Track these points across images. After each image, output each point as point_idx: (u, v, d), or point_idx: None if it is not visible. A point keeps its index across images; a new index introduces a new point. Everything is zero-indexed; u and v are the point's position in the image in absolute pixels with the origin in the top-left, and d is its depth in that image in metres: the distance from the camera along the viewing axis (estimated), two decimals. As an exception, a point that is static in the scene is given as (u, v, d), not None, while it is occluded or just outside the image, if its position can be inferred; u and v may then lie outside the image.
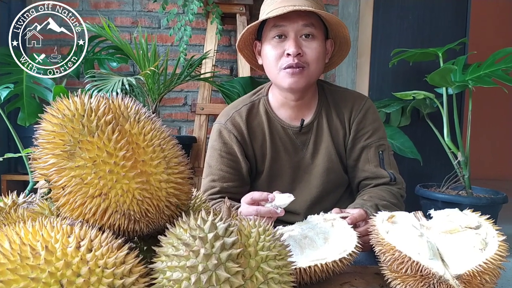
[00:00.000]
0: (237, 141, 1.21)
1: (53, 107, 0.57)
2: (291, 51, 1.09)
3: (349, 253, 0.74)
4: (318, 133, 1.24)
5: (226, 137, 1.22)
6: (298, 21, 1.10)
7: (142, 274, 0.50)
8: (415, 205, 2.40)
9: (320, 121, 1.24)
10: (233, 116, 1.23)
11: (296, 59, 1.09)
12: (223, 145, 1.22)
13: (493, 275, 0.64)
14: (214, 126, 1.27)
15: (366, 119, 1.23)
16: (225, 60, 2.95)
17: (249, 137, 1.22)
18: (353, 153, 1.23)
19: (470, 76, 2.28)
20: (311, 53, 1.11)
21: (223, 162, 1.21)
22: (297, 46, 1.09)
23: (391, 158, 1.24)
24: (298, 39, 1.11)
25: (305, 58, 1.11)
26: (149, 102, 2.34)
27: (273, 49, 1.13)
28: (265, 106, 1.25)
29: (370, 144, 1.21)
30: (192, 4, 2.39)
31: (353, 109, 1.23)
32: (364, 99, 1.26)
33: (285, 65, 1.11)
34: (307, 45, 1.11)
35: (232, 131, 1.21)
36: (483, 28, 4.30)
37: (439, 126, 2.47)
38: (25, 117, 2.20)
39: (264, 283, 0.51)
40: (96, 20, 2.64)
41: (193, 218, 0.53)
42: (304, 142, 1.23)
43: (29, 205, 0.69)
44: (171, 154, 0.58)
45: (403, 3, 2.81)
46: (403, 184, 1.22)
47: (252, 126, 1.23)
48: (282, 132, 1.23)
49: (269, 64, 1.16)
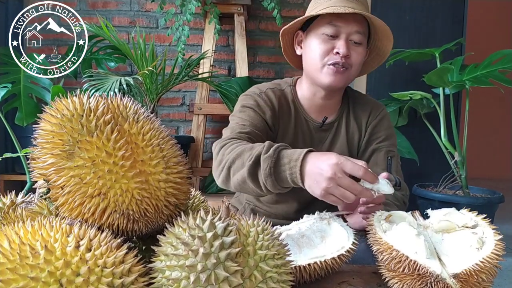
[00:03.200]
0: (271, 111, 1.20)
1: (52, 107, 0.57)
2: (341, 51, 1.11)
3: (347, 250, 0.74)
4: (336, 133, 1.27)
5: (262, 104, 1.21)
6: (353, 25, 1.12)
7: (141, 274, 0.50)
8: (412, 205, 2.40)
9: (340, 122, 1.28)
10: (267, 92, 1.24)
11: (344, 59, 1.12)
12: (257, 107, 1.20)
13: (490, 274, 0.64)
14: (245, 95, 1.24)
15: (381, 125, 1.28)
16: (223, 60, 2.95)
17: (279, 114, 1.23)
18: (364, 155, 1.27)
19: (467, 77, 2.29)
20: (357, 57, 1.15)
21: (256, 117, 1.18)
22: (348, 47, 1.12)
23: (398, 167, 1.27)
24: (349, 41, 1.13)
25: (350, 60, 1.14)
26: (147, 102, 2.33)
27: (322, 43, 1.14)
28: (292, 95, 1.27)
29: (381, 148, 1.25)
30: (190, 4, 2.39)
31: (371, 114, 1.28)
32: (382, 107, 1.31)
33: (332, 61, 1.13)
34: (354, 48, 1.14)
35: (267, 101, 1.21)
36: (480, 29, 4.32)
37: (436, 126, 2.48)
38: (23, 117, 2.19)
39: (263, 282, 0.51)
40: (94, 20, 2.64)
41: (192, 217, 0.53)
42: (321, 139, 1.27)
43: (27, 205, 0.69)
44: (170, 154, 0.59)
45: (400, 3, 2.82)
46: (407, 192, 1.25)
47: (282, 108, 1.24)
48: (305, 124, 1.26)
49: (313, 57, 1.16)
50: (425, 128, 2.58)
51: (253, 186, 0.94)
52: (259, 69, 2.97)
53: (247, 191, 1.01)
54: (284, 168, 0.88)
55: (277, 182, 0.90)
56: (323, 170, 0.80)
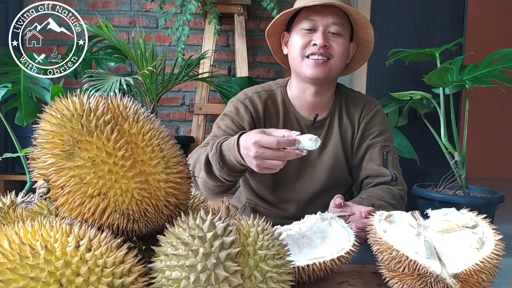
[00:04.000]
0: (251, 118, 1.25)
1: (52, 107, 0.57)
2: (318, 42, 1.14)
3: (347, 251, 0.74)
4: (329, 130, 1.28)
5: (242, 111, 1.25)
6: (329, 17, 1.15)
7: (141, 274, 0.50)
8: (412, 205, 2.41)
9: (332, 119, 1.28)
10: (252, 97, 1.27)
11: (322, 49, 1.15)
12: (236, 115, 1.25)
13: (490, 274, 0.64)
14: (231, 101, 1.30)
15: (374, 121, 1.28)
16: (223, 60, 2.95)
17: (264, 118, 1.26)
18: (359, 152, 1.27)
19: (467, 76, 2.29)
20: (337, 47, 1.17)
21: (232, 124, 1.24)
22: (324, 38, 1.15)
23: (395, 162, 1.27)
24: (326, 33, 1.16)
25: (330, 50, 1.17)
26: (147, 102, 2.34)
27: (300, 38, 1.18)
28: (282, 95, 1.29)
29: (375, 143, 1.25)
30: (190, 4, 2.39)
31: (363, 110, 1.29)
32: (375, 103, 1.32)
33: (309, 52, 1.16)
34: (333, 39, 1.17)
35: (249, 107, 1.25)
36: (480, 29, 4.32)
37: (436, 126, 2.48)
38: (23, 117, 2.19)
39: (263, 282, 0.51)
40: (93, 20, 2.64)
41: (192, 217, 0.53)
42: None
43: (27, 205, 0.69)
44: (170, 154, 0.59)
45: (400, 3, 2.82)
46: (404, 186, 1.24)
47: (268, 110, 1.27)
48: (296, 122, 1.27)
49: (294, 51, 1.20)
50: (425, 128, 2.58)
51: (214, 183, 1.07)
52: (259, 69, 2.97)
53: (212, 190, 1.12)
54: (229, 158, 1.00)
55: (230, 171, 1.01)
56: (249, 150, 0.91)
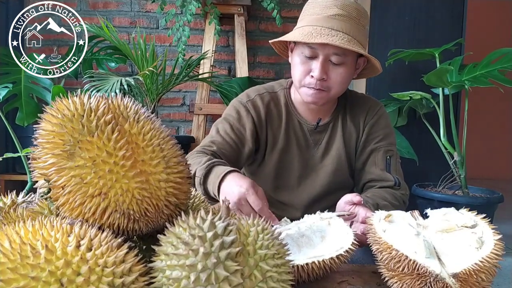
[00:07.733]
0: (252, 122, 1.23)
1: (53, 107, 0.57)
2: (315, 75, 1.10)
3: (346, 250, 0.74)
4: (332, 134, 1.26)
5: (243, 114, 1.23)
6: (330, 48, 1.09)
7: (141, 273, 0.50)
8: (412, 205, 2.40)
9: (335, 123, 1.27)
10: (255, 99, 1.25)
11: (319, 83, 1.11)
12: (237, 119, 1.23)
13: (489, 274, 0.64)
14: (233, 102, 1.28)
15: (379, 124, 1.26)
16: (223, 61, 2.95)
17: (266, 122, 1.25)
18: (362, 155, 1.26)
19: (467, 77, 2.29)
20: (336, 78, 1.12)
21: (231, 132, 1.22)
22: (322, 71, 1.10)
23: (397, 166, 1.26)
24: (326, 62, 1.11)
25: (327, 83, 1.12)
26: (148, 102, 2.34)
27: (300, 64, 1.14)
28: (286, 98, 1.27)
29: (379, 147, 1.24)
30: (190, 4, 2.39)
31: (368, 114, 1.27)
32: (379, 105, 1.30)
33: (307, 82, 1.13)
34: (333, 69, 1.11)
35: (250, 111, 1.23)
36: (480, 29, 4.32)
37: (436, 126, 2.48)
38: (24, 117, 2.20)
39: (263, 282, 0.51)
40: (94, 20, 2.64)
41: (192, 217, 0.53)
42: (317, 141, 1.26)
43: (28, 205, 0.69)
44: (170, 153, 0.59)
45: (400, 3, 2.82)
46: (407, 191, 1.24)
47: (271, 113, 1.26)
48: (298, 126, 1.25)
49: (294, 74, 1.18)
50: (424, 128, 2.58)
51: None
52: (259, 69, 2.98)
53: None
54: (210, 182, 1.00)
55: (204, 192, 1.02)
56: (233, 193, 0.91)
